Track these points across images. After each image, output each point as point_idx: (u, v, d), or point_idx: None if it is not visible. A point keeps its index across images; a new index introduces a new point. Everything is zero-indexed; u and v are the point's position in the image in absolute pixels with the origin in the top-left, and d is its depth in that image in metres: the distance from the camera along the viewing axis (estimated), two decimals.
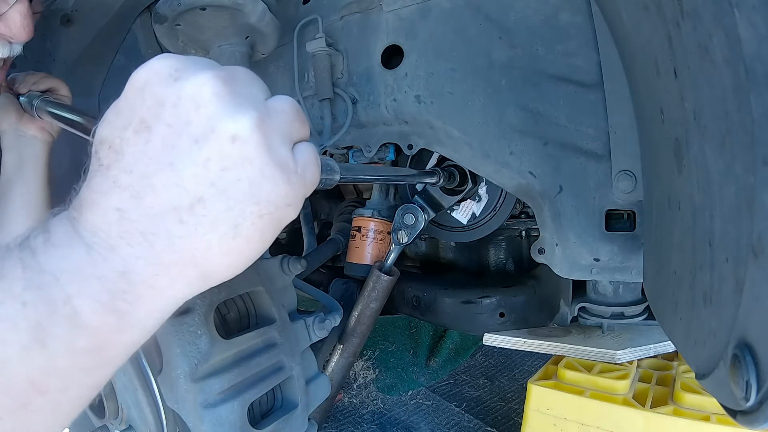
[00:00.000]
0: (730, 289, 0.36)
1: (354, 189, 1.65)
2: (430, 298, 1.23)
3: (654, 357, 1.40)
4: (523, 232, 1.26)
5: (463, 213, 1.13)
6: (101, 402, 0.59)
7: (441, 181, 1.00)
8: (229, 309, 0.62)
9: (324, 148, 1.02)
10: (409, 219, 1.09)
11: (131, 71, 0.32)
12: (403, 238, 1.09)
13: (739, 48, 0.31)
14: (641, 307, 0.97)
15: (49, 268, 0.29)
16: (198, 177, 0.30)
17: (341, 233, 1.37)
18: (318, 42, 0.95)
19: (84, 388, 0.32)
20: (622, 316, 0.98)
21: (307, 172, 0.34)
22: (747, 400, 0.32)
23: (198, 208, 0.30)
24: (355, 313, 1.12)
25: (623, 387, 1.31)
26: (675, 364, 1.47)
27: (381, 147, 1.03)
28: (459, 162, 0.93)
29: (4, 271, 0.29)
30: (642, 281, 0.73)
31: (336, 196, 1.68)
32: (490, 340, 1.15)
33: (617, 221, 0.80)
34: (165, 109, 0.30)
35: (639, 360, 1.48)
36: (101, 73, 1.09)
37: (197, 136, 0.30)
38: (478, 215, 1.12)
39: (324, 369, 1.15)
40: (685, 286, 0.48)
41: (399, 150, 1.02)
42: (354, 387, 2.07)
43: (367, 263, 1.18)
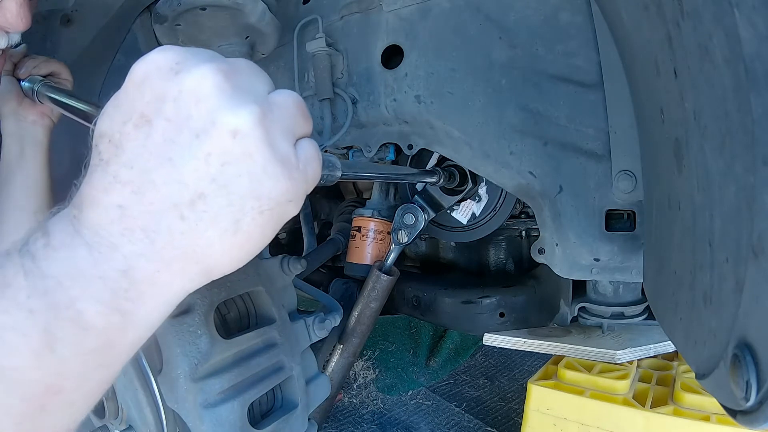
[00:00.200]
0: (730, 289, 0.36)
1: (354, 189, 1.65)
2: (430, 298, 1.23)
3: (654, 357, 1.40)
4: (523, 232, 1.26)
5: (463, 213, 1.13)
6: (101, 402, 0.59)
7: (441, 181, 1.00)
8: (229, 309, 0.62)
9: (324, 148, 1.02)
10: (409, 219, 1.09)
11: None
12: (403, 238, 1.09)
13: (739, 48, 0.31)
14: (641, 307, 0.97)
15: (51, 272, 0.29)
16: (199, 172, 0.30)
17: (341, 233, 1.37)
18: (318, 42, 0.95)
19: (96, 383, 0.32)
20: (622, 316, 0.98)
21: (309, 168, 0.34)
22: (747, 400, 0.32)
23: (199, 203, 0.30)
24: (355, 313, 1.12)
25: (623, 387, 1.31)
26: (675, 364, 1.47)
27: (381, 147, 1.03)
28: (459, 162, 0.93)
29: (7, 279, 0.29)
30: (642, 281, 0.73)
31: (336, 196, 1.68)
32: (490, 340, 1.15)
33: (617, 221, 0.80)
34: (165, 104, 0.30)
35: (639, 360, 1.48)
36: (101, 73, 1.09)
37: (198, 130, 0.30)
38: (478, 215, 1.12)
39: (324, 369, 1.15)
40: (685, 286, 0.48)
41: (399, 150, 1.02)
42: (354, 387, 2.07)
43: (367, 263, 1.18)
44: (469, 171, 1.05)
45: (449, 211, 1.14)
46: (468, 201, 1.12)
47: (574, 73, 0.77)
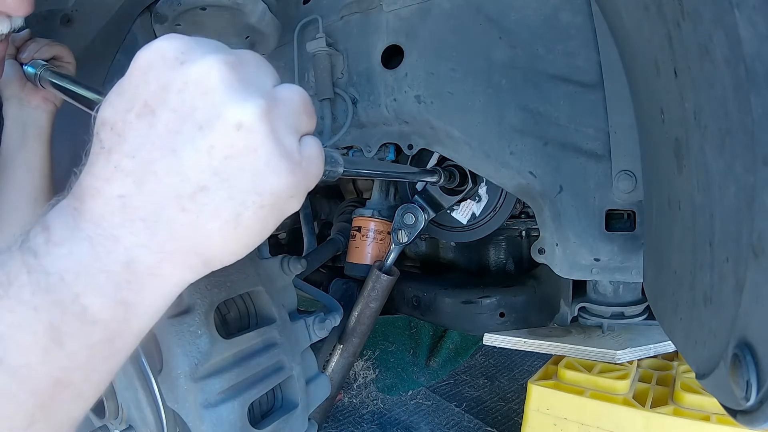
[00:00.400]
0: (730, 289, 0.36)
1: (354, 189, 1.65)
2: (430, 298, 1.23)
3: (654, 357, 1.40)
4: (523, 232, 1.26)
5: (463, 213, 1.13)
6: (101, 402, 0.59)
7: (441, 180, 1.00)
8: (229, 309, 0.62)
9: (324, 147, 1.02)
10: (409, 219, 1.09)
11: None
12: (403, 237, 1.09)
13: (740, 48, 0.31)
14: (641, 307, 0.97)
15: (54, 269, 0.29)
16: (201, 165, 0.30)
17: (341, 233, 1.37)
18: (318, 42, 0.95)
19: (103, 373, 0.33)
20: (622, 316, 0.98)
21: (311, 165, 0.34)
22: (747, 399, 0.32)
23: (200, 196, 0.30)
24: (355, 313, 1.12)
25: (623, 387, 1.31)
26: (675, 364, 1.47)
27: (381, 147, 1.03)
28: (459, 162, 0.93)
29: (10, 277, 0.29)
30: (642, 281, 0.73)
31: (336, 195, 1.68)
32: (490, 340, 1.15)
33: (617, 221, 0.80)
34: (170, 94, 0.30)
35: (639, 360, 1.48)
36: (101, 73, 1.09)
37: (202, 122, 0.30)
38: (478, 215, 1.12)
39: (324, 369, 1.15)
40: (686, 286, 0.48)
41: (399, 150, 1.02)
42: (354, 387, 2.07)
43: (367, 263, 1.18)
44: (469, 171, 1.05)
45: (449, 211, 1.14)
46: (468, 201, 1.12)
47: (574, 73, 0.77)
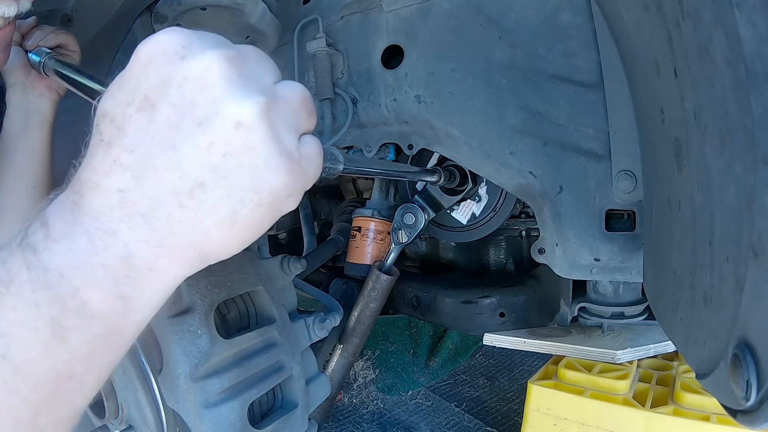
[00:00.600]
0: (730, 289, 0.36)
1: (354, 189, 1.65)
2: (430, 298, 1.23)
3: (654, 357, 1.40)
4: (523, 232, 1.26)
5: (463, 213, 1.13)
6: (101, 402, 0.59)
7: (441, 180, 1.00)
8: (229, 309, 0.62)
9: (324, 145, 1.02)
10: (409, 219, 1.09)
11: None
12: (403, 237, 1.09)
13: (740, 48, 0.31)
14: (641, 307, 0.97)
15: (53, 264, 0.30)
16: (200, 161, 0.30)
17: (341, 233, 1.37)
18: (318, 42, 0.95)
19: (104, 365, 0.33)
20: (622, 316, 0.98)
21: (310, 165, 0.34)
22: (747, 399, 0.32)
23: (198, 192, 0.30)
24: (355, 313, 1.12)
25: (623, 387, 1.31)
26: (675, 364, 1.47)
27: (381, 147, 1.03)
28: (459, 162, 0.93)
29: (11, 274, 0.30)
30: (642, 281, 0.73)
31: (336, 195, 1.68)
32: (490, 340, 1.15)
33: (617, 221, 0.80)
34: (170, 89, 0.30)
35: (639, 360, 1.48)
36: (101, 74, 1.09)
37: (201, 118, 0.29)
38: (478, 215, 1.12)
39: (324, 369, 1.15)
40: (686, 286, 0.48)
41: (399, 150, 1.02)
42: (354, 387, 2.07)
43: (367, 263, 1.18)
44: (469, 171, 1.05)
45: (449, 211, 1.14)
46: (468, 201, 1.12)
47: (574, 73, 0.77)
